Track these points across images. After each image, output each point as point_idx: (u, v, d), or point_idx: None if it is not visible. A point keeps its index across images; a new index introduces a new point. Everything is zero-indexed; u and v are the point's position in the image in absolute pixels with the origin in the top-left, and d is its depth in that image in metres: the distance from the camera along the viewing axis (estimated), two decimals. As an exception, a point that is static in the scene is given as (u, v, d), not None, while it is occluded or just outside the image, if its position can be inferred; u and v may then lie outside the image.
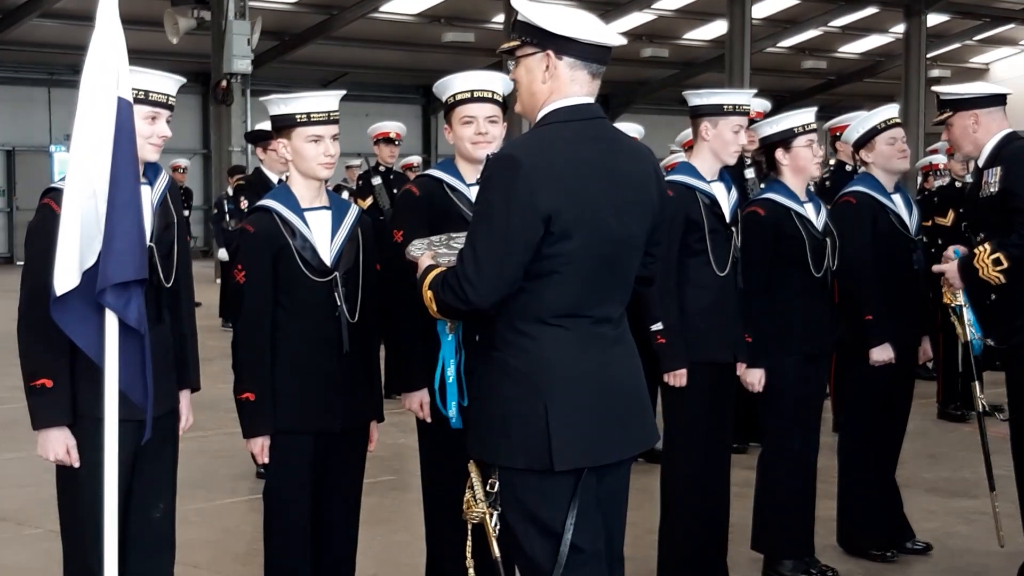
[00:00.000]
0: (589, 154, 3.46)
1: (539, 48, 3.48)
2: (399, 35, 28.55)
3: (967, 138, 5.54)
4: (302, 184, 4.44)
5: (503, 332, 3.47)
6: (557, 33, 3.44)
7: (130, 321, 3.69)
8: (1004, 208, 5.30)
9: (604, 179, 3.46)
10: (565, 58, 3.46)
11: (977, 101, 5.51)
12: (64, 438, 3.99)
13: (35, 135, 27.94)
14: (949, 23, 33.62)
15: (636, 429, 3.62)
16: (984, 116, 5.49)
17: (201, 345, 4.54)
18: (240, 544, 6.36)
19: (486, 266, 3.37)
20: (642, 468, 8.02)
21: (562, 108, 3.48)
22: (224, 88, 21.01)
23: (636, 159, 3.61)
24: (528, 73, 3.52)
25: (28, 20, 25.13)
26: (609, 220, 3.45)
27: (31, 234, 4.05)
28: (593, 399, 3.47)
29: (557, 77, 3.47)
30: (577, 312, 3.45)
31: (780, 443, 5.72)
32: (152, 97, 4.10)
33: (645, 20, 30.93)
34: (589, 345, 3.47)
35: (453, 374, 3.97)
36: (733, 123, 5.28)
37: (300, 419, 4.37)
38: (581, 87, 3.49)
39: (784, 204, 5.58)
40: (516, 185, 3.35)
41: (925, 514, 6.26)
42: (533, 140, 3.52)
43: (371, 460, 4.57)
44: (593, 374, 3.48)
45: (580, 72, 3.48)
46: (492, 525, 3.52)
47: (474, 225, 3.47)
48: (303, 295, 4.35)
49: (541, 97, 3.51)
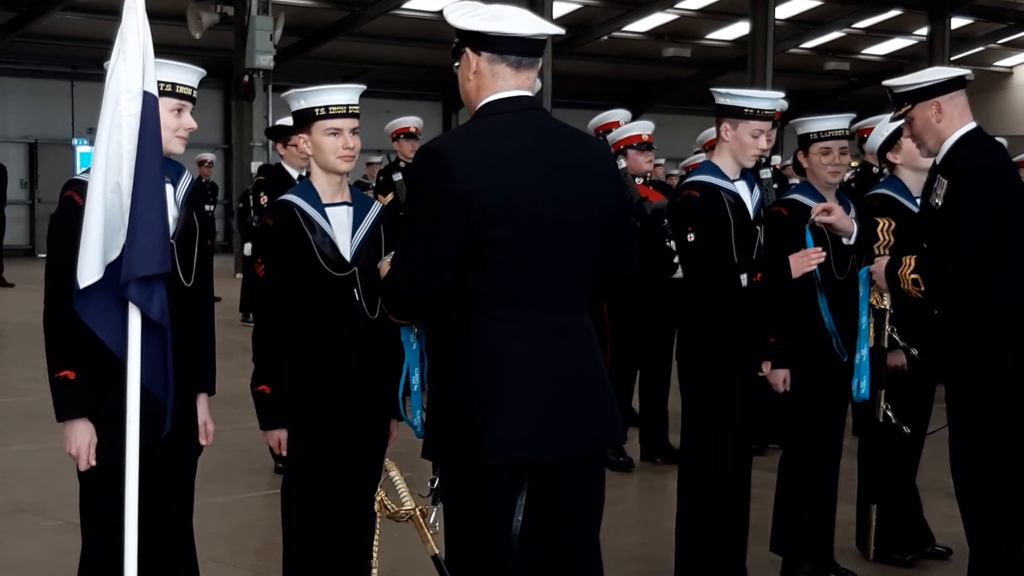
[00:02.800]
0: (517, 143, 3.49)
1: (462, 46, 3.56)
2: (420, 32, 28.54)
3: (929, 131, 4.98)
4: (323, 179, 4.44)
5: (447, 326, 3.50)
6: (468, 30, 3.52)
7: (153, 315, 3.69)
8: (941, 224, 4.98)
9: (536, 166, 3.47)
10: (483, 53, 3.52)
11: (937, 88, 4.96)
12: (88, 431, 3.99)
13: (58, 128, 28.02)
14: (973, 26, 33.48)
15: (592, 425, 3.56)
16: (947, 104, 4.93)
17: (221, 340, 4.54)
18: (258, 538, 6.37)
19: (415, 254, 3.46)
20: (658, 468, 8.05)
21: (490, 102, 3.53)
22: (246, 83, 21.04)
23: (580, 149, 3.61)
24: (460, 72, 3.61)
25: (52, 14, 25.21)
26: (544, 206, 3.45)
27: (53, 226, 4.06)
28: (538, 392, 3.44)
29: (480, 73, 3.54)
30: (519, 302, 3.44)
31: (802, 445, 5.70)
32: (179, 90, 4.11)
33: (667, 20, 30.88)
34: (535, 337, 3.46)
35: (417, 382, 3.98)
36: (753, 127, 5.22)
37: (318, 414, 4.38)
38: (506, 80, 3.53)
39: (808, 205, 5.55)
40: (436, 174, 3.41)
41: (945, 518, 6.22)
42: (456, 132, 3.69)
43: (389, 456, 4.56)
44: (538, 367, 3.45)
45: (499, 66, 3.52)
46: (430, 521, 3.54)
47: (404, 218, 3.56)
48: (322, 290, 4.35)
49: (471, 94, 3.59)
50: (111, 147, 3.69)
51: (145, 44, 3.70)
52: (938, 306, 5.08)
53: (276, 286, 4.38)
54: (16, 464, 8.04)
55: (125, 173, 3.67)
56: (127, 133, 3.67)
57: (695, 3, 29.86)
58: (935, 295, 5.01)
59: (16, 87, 27.55)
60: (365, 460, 4.48)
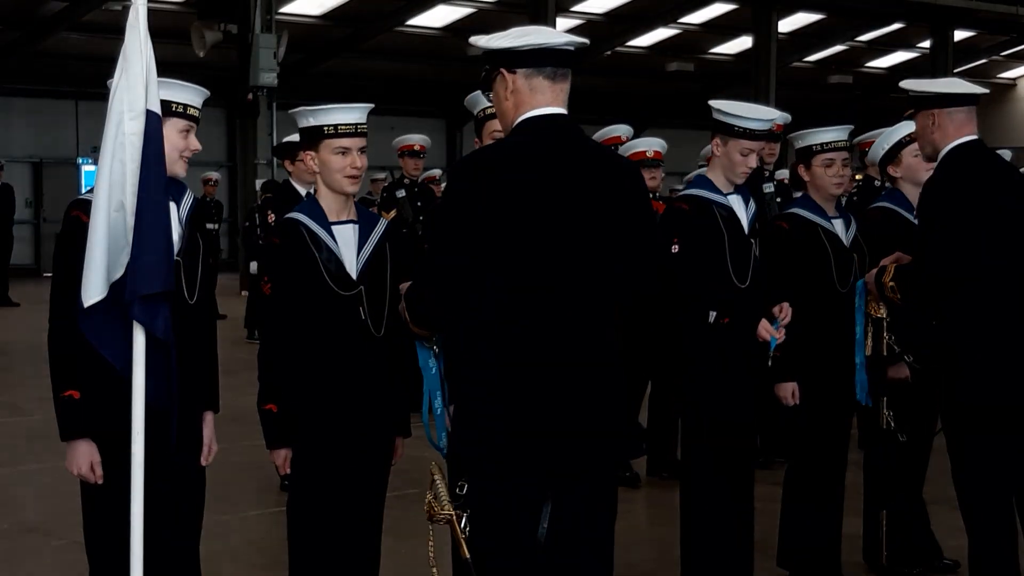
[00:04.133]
0: (552, 159, 3.57)
1: (495, 69, 3.64)
2: (425, 48, 28.60)
3: (925, 139, 5.04)
4: (329, 197, 4.45)
5: (467, 334, 3.55)
6: (501, 48, 3.61)
7: (157, 333, 3.70)
8: None
9: (569, 183, 3.56)
10: (519, 70, 3.60)
11: (934, 99, 4.98)
12: (90, 452, 3.99)
13: (62, 148, 28.06)
14: (976, 38, 33.49)
15: (612, 437, 3.64)
16: (942, 117, 4.94)
17: (227, 357, 4.55)
18: (264, 557, 6.36)
19: (434, 257, 3.56)
20: (666, 483, 8.02)
21: (527, 119, 3.61)
22: (250, 101, 21.07)
23: (610, 167, 3.70)
24: (496, 96, 3.69)
25: (56, 33, 25.28)
26: (575, 221, 3.54)
27: (59, 246, 4.07)
28: (561, 403, 3.52)
29: (517, 91, 3.62)
30: (542, 314, 3.51)
31: (807, 459, 5.69)
32: (190, 111, 4.12)
33: (670, 34, 30.94)
34: (556, 348, 3.53)
35: (440, 406, 4.04)
36: (742, 146, 5.19)
37: (323, 432, 4.37)
38: (544, 95, 3.61)
39: (810, 219, 5.55)
40: (471, 187, 3.51)
41: (952, 531, 6.20)
42: (494, 147, 3.79)
43: (395, 473, 4.57)
44: (558, 378, 3.52)
45: (537, 79, 3.61)
46: (461, 527, 3.59)
47: (433, 226, 3.69)
48: (328, 308, 4.35)
49: (510, 114, 3.66)
50: (114, 166, 3.70)
51: (148, 63, 3.72)
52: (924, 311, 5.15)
53: (281, 304, 4.38)
54: (23, 483, 8.04)
55: (129, 192, 3.68)
56: (130, 152, 3.69)
57: (698, 18, 29.91)
58: (911, 301, 5.11)
59: (21, 107, 27.59)
60: (371, 478, 4.48)
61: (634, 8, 28.46)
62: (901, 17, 30.52)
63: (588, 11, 28.51)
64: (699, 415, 5.27)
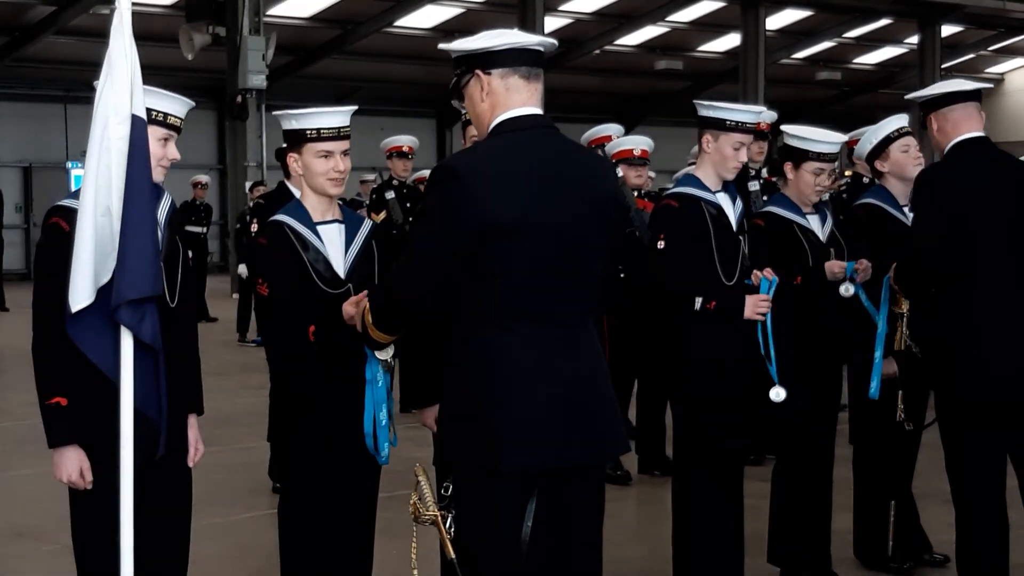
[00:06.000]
0: (531, 160, 3.58)
1: (469, 72, 3.64)
2: (413, 49, 28.59)
3: (933, 142, 5.16)
4: (314, 199, 4.47)
5: (457, 335, 3.57)
6: (476, 50, 3.62)
7: (145, 338, 3.71)
8: None
9: (548, 183, 3.56)
10: (494, 71, 3.61)
11: (929, 103, 5.13)
12: (78, 458, 3.98)
13: (52, 152, 28.03)
14: (963, 33, 33.56)
15: (598, 435, 3.64)
16: (939, 118, 5.08)
17: (218, 360, 4.57)
18: (257, 559, 6.36)
19: (414, 262, 3.56)
20: (657, 480, 8.04)
21: (505, 120, 3.61)
22: (239, 103, 21.06)
23: (587, 166, 3.73)
24: (470, 99, 3.69)
25: (44, 37, 25.24)
26: (555, 222, 3.54)
27: (40, 254, 4.05)
28: (547, 402, 3.53)
29: (492, 92, 3.63)
30: (529, 314, 3.53)
31: (795, 455, 5.70)
32: (170, 120, 4.11)
33: (659, 32, 30.97)
34: (545, 348, 3.54)
35: (385, 417, 4.17)
36: (734, 139, 5.23)
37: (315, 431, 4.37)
38: (520, 94, 3.62)
39: (785, 217, 5.60)
40: (451, 190, 3.49)
41: (942, 526, 6.21)
42: (473, 149, 3.79)
43: (387, 474, 4.57)
44: (547, 377, 3.54)
45: (512, 79, 3.62)
46: (446, 527, 3.61)
47: (412, 226, 3.61)
48: (317, 308, 4.36)
49: (485, 116, 3.66)
50: (100, 171, 3.70)
51: (133, 68, 3.72)
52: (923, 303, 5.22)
53: (283, 301, 4.37)
54: (14, 488, 8.03)
55: (115, 196, 3.68)
56: (116, 157, 3.69)
57: (686, 16, 29.94)
58: (909, 294, 5.21)
59: (10, 111, 27.57)
60: (363, 479, 4.48)
61: (622, 6, 28.50)
62: (888, 13, 30.57)
63: (576, 10, 28.53)
64: (693, 415, 5.28)
